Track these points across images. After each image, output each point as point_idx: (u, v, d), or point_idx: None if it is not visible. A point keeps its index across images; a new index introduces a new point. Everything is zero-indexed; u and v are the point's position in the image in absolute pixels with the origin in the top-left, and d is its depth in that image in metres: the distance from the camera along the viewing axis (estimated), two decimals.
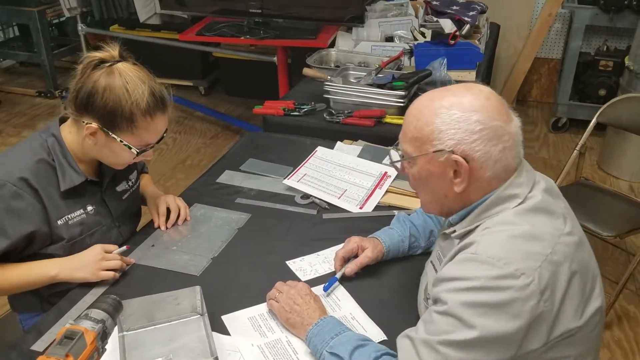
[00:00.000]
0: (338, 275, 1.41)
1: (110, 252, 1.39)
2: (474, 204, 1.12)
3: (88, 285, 1.38)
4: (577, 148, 2.52)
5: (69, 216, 1.44)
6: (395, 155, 1.22)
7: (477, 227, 1.10)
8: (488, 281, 1.00)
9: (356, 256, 1.44)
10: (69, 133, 1.44)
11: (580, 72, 4.04)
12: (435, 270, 1.23)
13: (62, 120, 1.46)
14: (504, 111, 1.10)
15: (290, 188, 1.79)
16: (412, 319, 1.29)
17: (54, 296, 1.44)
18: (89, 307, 0.99)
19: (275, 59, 3.61)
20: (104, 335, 0.95)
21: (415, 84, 2.34)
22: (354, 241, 1.45)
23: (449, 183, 1.11)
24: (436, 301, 1.07)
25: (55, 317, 1.31)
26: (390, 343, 1.19)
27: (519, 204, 1.09)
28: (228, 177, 1.88)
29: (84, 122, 1.37)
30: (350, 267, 1.42)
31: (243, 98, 4.76)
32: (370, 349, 1.11)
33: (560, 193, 1.17)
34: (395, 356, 1.09)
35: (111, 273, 1.36)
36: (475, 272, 1.01)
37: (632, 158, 3.45)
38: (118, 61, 1.36)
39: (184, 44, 4.10)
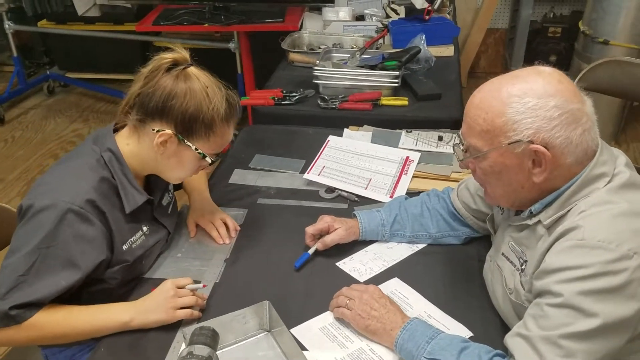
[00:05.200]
0: (310, 251, 1.40)
1: (183, 287, 1.23)
2: (558, 190, 1.07)
3: None
4: None
5: (132, 239, 1.30)
6: (459, 152, 1.15)
7: (568, 212, 1.06)
8: (604, 266, 0.96)
9: (328, 233, 1.42)
10: (127, 145, 1.28)
11: (530, 40, 4.13)
12: (511, 263, 1.18)
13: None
14: (578, 92, 1.05)
15: (311, 182, 1.69)
16: (489, 309, 1.25)
17: None
18: (189, 344, 0.86)
19: (230, 45, 3.44)
20: None
21: (407, 63, 2.28)
22: (325, 220, 1.42)
23: (527, 174, 1.06)
24: (543, 294, 1.01)
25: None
26: (476, 339, 1.14)
27: (608, 182, 1.06)
28: (240, 177, 1.75)
29: (153, 129, 1.22)
30: (322, 243, 1.40)
31: None
32: (477, 351, 1.04)
33: (632, 164, 1.15)
34: (504, 356, 1.04)
35: (188, 311, 1.21)
36: (587, 259, 0.97)
37: (601, 122, 3.56)
38: (191, 64, 1.24)
39: (121, 35, 3.86)
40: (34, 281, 1.14)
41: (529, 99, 1.02)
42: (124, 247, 1.28)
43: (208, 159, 1.29)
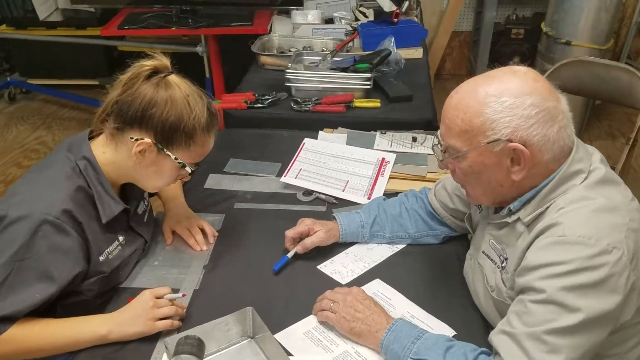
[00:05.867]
0: (289, 255, 1.39)
1: (161, 297, 1.20)
2: (537, 188, 1.09)
3: None
4: None
5: (109, 250, 1.27)
6: (438, 152, 1.16)
7: (546, 209, 1.07)
8: (584, 261, 0.97)
9: (308, 236, 1.41)
10: (103, 153, 1.24)
11: (494, 41, 4.20)
12: (491, 260, 1.19)
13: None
14: (553, 90, 1.07)
15: (288, 186, 1.68)
16: (471, 307, 1.26)
17: None
18: (175, 354, 0.84)
19: (198, 49, 3.40)
20: None
21: (379, 65, 2.29)
22: (305, 223, 1.42)
23: (506, 172, 1.07)
24: (526, 291, 1.03)
25: None
26: (460, 337, 1.14)
27: (585, 179, 1.07)
28: (215, 182, 1.73)
29: (132, 138, 1.19)
30: (301, 246, 1.39)
31: None
32: (462, 350, 1.05)
33: (605, 160, 1.18)
34: (490, 354, 1.04)
35: (168, 321, 1.18)
36: (568, 254, 0.98)
37: None
38: (171, 72, 1.21)
39: (84, 40, 3.78)
40: (8, 294, 1.10)
41: (506, 98, 1.03)
42: (101, 258, 1.25)
43: (188, 169, 1.26)
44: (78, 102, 4.17)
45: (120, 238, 1.31)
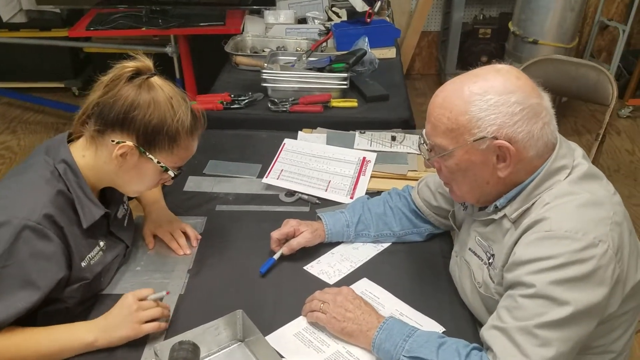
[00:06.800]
0: (276, 256, 1.38)
1: (144, 299, 1.17)
2: (522, 184, 1.10)
3: None
4: None
5: (90, 255, 1.23)
6: (424, 151, 1.16)
7: (532, 204, 1.09)
8: (572, 255, 0.99)
9: (294, 237, 1.40)
10: (82, 156, 1.21)
11: (462, 41, 4.26)
12: (478, 257, 1.21)
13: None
14: (536, 88, 1.09)
15: (270, 187, 1.67)
16: (458, 304, 1.27)
17: None
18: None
19: (167, 49, 3.35)
20: None
21: (354, 65, 2.30)
22: (290, 224, 1.41)
23: (492, 169, 1.09)
24: (515, 286, 1.04)
25: None
26: (449, 334, 1.15)
27: (569, 174, 1.10)
28: (195, 184, 1.70)
29: (113, 141, 1.16)
30: (287, 247, 1.38)
31: None
32: (455, 346, 1.05)
33: (587, 156, 1.20)
34: (481, 349, 1.06)
35: (155, 324, 1.15)
36: (556, 249, 1.00)
37: None
38: (154, 74, 1.18)
39: (49, 42, 3.69)
40: None
41: (491, 96, 1.04)
42: (83, 264, 1.21)
43: (171, 173, 1.24)
44: (43, 105, 4.07)
45: (101, 243, 1.28)
